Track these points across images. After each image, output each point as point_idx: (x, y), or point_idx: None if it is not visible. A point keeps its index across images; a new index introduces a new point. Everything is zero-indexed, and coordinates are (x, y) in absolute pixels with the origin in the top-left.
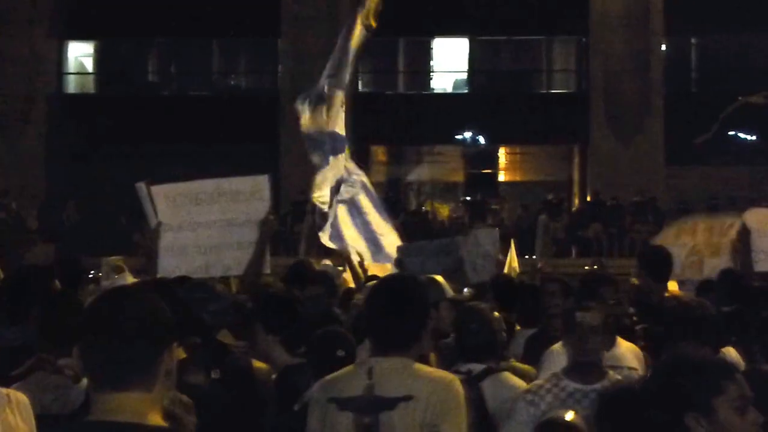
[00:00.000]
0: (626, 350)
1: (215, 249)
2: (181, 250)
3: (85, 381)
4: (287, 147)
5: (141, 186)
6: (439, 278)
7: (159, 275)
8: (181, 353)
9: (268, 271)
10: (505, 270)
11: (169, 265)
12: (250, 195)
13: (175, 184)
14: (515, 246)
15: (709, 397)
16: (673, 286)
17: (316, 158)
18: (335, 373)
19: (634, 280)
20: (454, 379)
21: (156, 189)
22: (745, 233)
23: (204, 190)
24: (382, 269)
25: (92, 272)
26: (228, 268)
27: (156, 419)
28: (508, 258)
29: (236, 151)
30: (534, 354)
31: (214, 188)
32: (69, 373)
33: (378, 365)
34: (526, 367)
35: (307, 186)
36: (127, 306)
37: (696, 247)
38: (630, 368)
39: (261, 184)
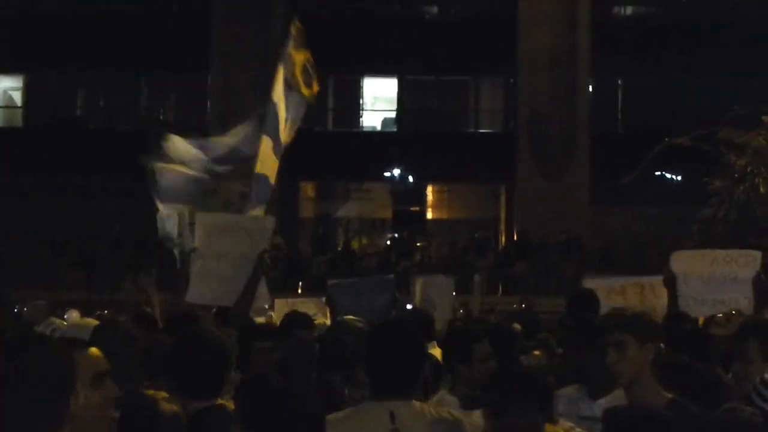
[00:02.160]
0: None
1: (230, 280)
2: (207, 278)
3: None
4: None
5: (184, 213)
6: None
7: (188, 300)
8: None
9: (266, 305)
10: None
11: (196, 292)
12: (258, 233)
13: (211, 213)
14: (479, 282)
15: None
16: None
17: None
18: (343, 414)
19: None
20: (464, 420)
21: (199, 216)
22: (671, 279)
23: (228, 222)
24: (314, 306)
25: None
26: (230, 299)
27: None
28: (473, 299)
29: None
30: None
31: (234, 222)
32: None
33: (396, 408)
34: None
35: None
36: (28, 356)
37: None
38: None
39: (268, 224)
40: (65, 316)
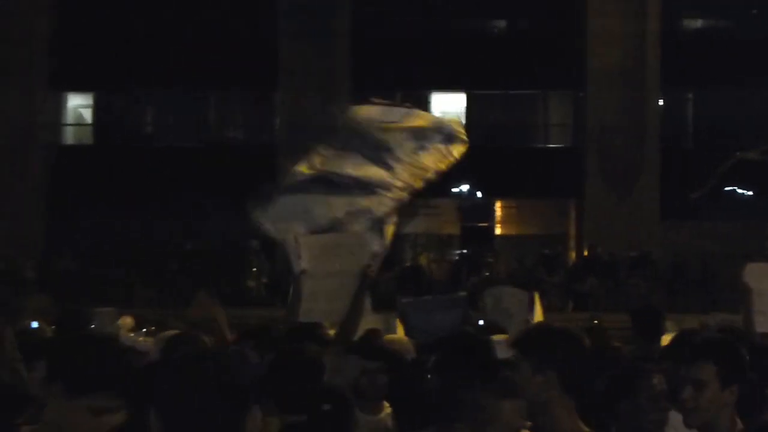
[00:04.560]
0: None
1: (339, 297)
2: (317, 297)
3: None
4: None
5: (291, 238)
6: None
7: (301, 320)
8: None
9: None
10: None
11: (309, 311)
12: (359, 249)
13: (316, 236)
14: (539, 301)
15: None
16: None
17: None
18: None
19: None
20: None
21: (303, 239)
22: (745, 292)
23: (332, 240)
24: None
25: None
26: (339, 315)
27: None
28: (536, 311)
29: (231, 204)
30: None
31: (337, 240)
32: None
33: None
34: None
35: None
36: (209, 367)
37: None
38: None
39: (367, 239)
40: (119, 322)
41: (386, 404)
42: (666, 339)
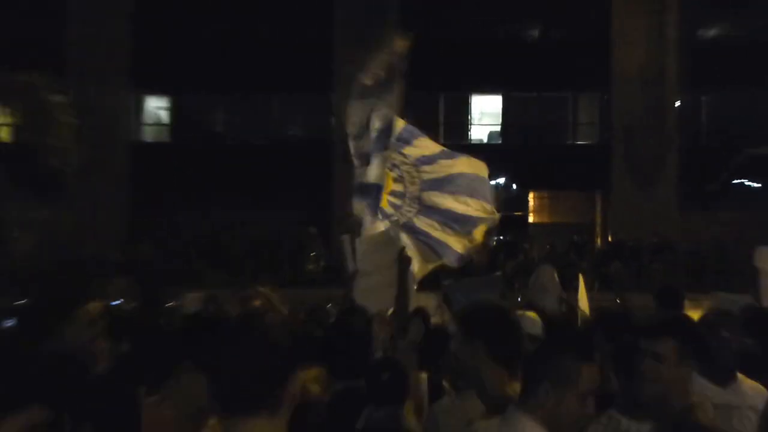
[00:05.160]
0: (749, 388)
1: (388, 286)
2: (368, 292)
3: None
4: (340, 187)
5: (346, 237)
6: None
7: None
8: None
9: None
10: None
11: (364, 299)
12: (393, 241)
13: (368, 235)
14: (584, 282)
15: None
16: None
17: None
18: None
19: None
20: None
21: (358, 240)
22: (755, 273)
23: (378, 236)
24: (431, 301)
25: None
26: (387, 304)
27: None
28: (580, 293)
29: (293, 195)
30: None
31: (381, 236)
32: None
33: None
34: None
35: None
36: (253, 340)
37: None
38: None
39: (394, 232)
40: (187, 299)
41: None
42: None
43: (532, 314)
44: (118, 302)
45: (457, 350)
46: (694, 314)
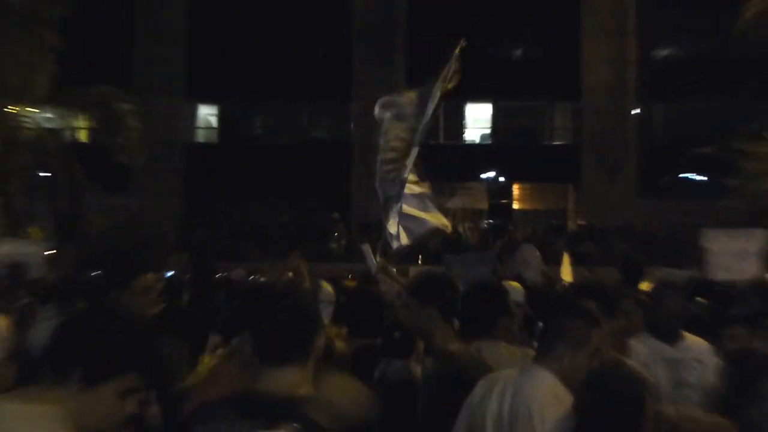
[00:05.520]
0: (692, 343)
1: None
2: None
3: None
4: (357, 182)
5: (366, 246)
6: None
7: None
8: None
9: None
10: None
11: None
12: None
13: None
14: (568, 259)
15: None
16: (645, 286)
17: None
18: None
19: None
20: (522, 352)
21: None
22: (701, 251)
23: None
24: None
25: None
26: None
27: (307, 390)
28: (563, 268)
29: (318, 187)
30: None
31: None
32: None
33: (481, 345)
34: None
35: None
36: (288, 302)
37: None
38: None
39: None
40: (234, 271)
41: None
42: (644, 285)
43: (516, 285)
44: (170, 274)
45: (409, 315)
46: (646, 285)
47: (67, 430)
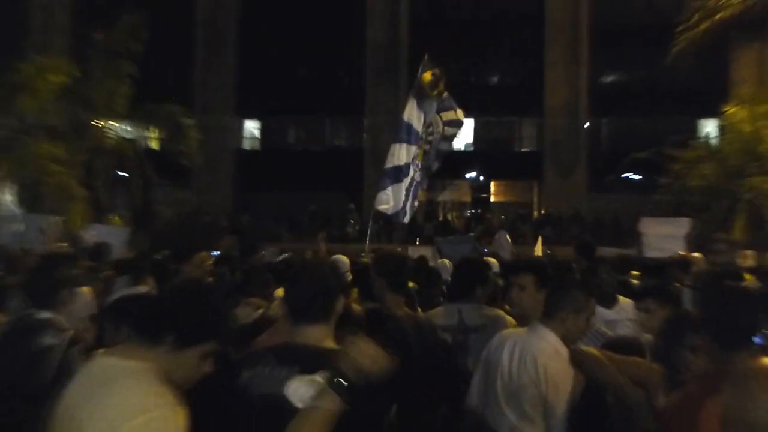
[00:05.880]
0: (626, 306)
1: None
2: None
3: None
4: (370, 181)
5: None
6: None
7: None
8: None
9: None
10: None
11: None
12: None
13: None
14: (541, 241)
15: None
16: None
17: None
18: (430, 312)
19: None
20: (503, 314)
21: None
22: (639, 235)
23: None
24: (428, 252)
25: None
26: None
27: (330, 344)
28: (536, 247)
29: (338, 184)
30: None
31: None
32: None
33: (463, 308)
34: None
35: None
36: (314, 272)
37: None
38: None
39: None
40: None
41: None
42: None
43: (493, 260)
44: (218, 253)
45: (373, 285)
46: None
47: (159, 383)
